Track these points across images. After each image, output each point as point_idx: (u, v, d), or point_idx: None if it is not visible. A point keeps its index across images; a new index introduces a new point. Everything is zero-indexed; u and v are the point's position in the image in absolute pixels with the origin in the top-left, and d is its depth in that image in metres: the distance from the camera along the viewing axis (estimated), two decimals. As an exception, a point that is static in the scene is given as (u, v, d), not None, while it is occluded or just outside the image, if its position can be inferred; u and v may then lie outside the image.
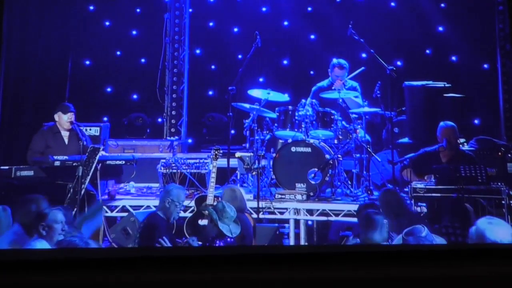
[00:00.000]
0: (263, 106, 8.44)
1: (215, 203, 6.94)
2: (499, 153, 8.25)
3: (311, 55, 10.69)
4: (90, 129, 8.70)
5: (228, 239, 6.30)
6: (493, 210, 7.03)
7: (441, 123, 8.02)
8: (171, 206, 6.65)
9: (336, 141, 8.38)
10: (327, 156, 8.08)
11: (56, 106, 7.98)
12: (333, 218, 7.18)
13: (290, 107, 8.44)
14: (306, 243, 7.51)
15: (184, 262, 4.94)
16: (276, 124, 8.41)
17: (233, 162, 8.57)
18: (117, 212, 7.82)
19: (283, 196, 7.83)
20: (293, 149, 8.13)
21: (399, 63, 10.45)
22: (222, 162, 8.23)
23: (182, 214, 7.20)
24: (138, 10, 10.82)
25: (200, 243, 6.43)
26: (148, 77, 10.68)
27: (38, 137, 7.81)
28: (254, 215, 7.39)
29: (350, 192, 8.16)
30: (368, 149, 8.34)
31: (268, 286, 4.72)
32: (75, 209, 6.94)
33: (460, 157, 7.86)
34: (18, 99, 8.99)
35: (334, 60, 9.03)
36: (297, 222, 7.58)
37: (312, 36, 10.91)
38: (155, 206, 7.37)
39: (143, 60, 10.87)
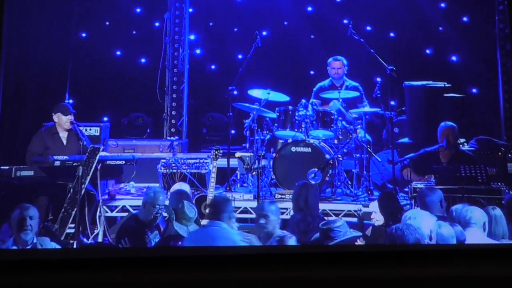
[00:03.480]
0: (263, 106, 8.44)
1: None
2: (499, 153, 8.25)
3: (311, 55, 10.69)
4: (90, 129, 8.69)
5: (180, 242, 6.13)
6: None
7: (441, 123, 8.04)
8: (149, 209, 6.56)
9: (336, 141, 8.37)
10: (327, 156, 8.08)
11: (56, 106, 7.96)
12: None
13: (290, 107, 8.43)
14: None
15: (183, 262, 4.94)
16: (276, 124, 8.41)
17: (233, 162, 8.58)
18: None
19: (283, 196, 7.82)
20: (293, 149, 8.13)
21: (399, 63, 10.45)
22: (222, 162, 8.23)
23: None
24: (138, 10, 10.81)
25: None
26: (148, 77, 10.66)
27: (37, 138, 7.73)
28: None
29: (350, 192, 8.16)
30: (368, 149, 8.34)
31: (268, 286, 4.71)
32: (75, 209, 6.94)
33: (460, 157, 7.87)
34: (18, 99, 8.97)
35: (330, 58, 9.07)
36: (297, 222, 7.56)
37: (312, 36, 10.90)
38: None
39: (143, 60, 10.86)
